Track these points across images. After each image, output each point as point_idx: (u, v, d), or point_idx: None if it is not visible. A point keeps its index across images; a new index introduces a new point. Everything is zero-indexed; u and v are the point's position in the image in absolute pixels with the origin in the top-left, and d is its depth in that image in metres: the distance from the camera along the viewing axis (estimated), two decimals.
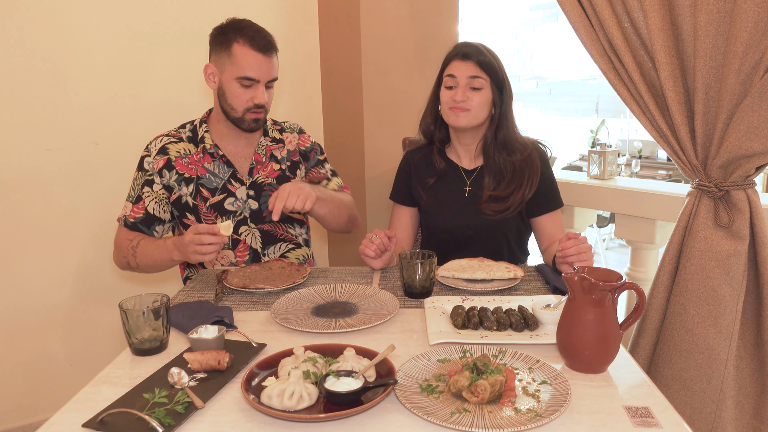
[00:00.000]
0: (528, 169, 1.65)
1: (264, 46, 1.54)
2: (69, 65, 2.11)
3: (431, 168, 1.74)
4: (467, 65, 1.59)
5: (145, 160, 1.64)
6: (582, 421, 0.87)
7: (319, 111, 2.73)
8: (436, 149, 1.74)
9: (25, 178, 2.09)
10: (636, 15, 1.59)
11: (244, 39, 1.53)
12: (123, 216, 1.63)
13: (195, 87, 2.36)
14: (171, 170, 1.64)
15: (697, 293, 1.61)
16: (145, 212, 1.62)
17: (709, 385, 1.62)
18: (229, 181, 1.67)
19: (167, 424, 0.86)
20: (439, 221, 1.72)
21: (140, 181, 1.63)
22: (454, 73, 1.61)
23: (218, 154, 1.67)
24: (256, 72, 1.55)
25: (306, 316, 1.27)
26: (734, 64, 1.46)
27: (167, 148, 1.65)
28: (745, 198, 1.56)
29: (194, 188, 1.65)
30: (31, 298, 2.16)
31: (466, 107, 1.60)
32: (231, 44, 1.54)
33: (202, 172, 1.66)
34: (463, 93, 1.59)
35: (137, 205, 1.62)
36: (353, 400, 0.89)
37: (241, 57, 1.53)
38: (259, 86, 1.57)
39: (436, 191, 1.72)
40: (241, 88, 1.56)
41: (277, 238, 1.75)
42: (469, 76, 1.59)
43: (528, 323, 1.19)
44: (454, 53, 1.63)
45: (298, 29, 2.61)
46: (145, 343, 1.11)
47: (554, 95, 31.00)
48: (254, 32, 1.55)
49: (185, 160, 1.65)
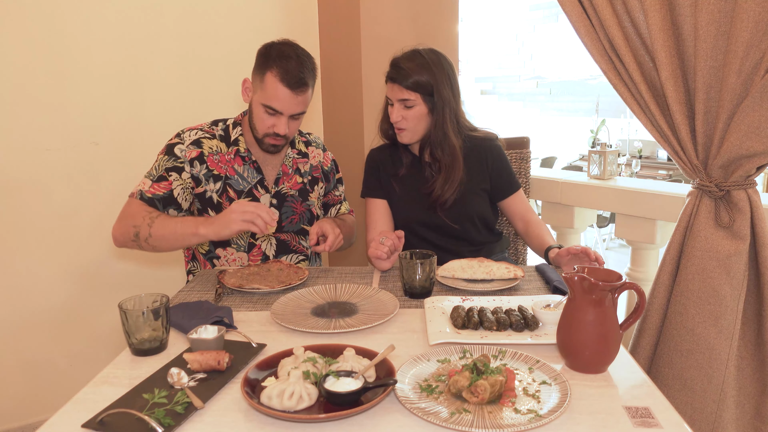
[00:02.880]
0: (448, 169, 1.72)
1: (295, 83, 1.54)
2: (69, 65, 2.11)
3: (398, 162, 1.82)
4: (394, 89, 1.67)
5: (177, 146, 1.64)
6: (582, 421, 0.87)
7: (319, 111, 2.73)
8: (401, 144, 1.81)
9: (25, 178, 2.09)
10: (636, 15, 1.59)
11: (278, 71, 1.53)
12: (139, 190, 1.60)
13: (195, 87, 2.36)
14: (202, 164, 1.65)
15: (698, 293, 1.61)
16: (167, 193, 1.60)
17: (709, 385, 1.62)
18: (255, 187, 1.70)
19: (167, 425, 0.86)
20: (411, 211, 1.79)
21: (167, 164, 1.62)
22: (388, 95, 1.71)
23: (250, 159, 1.69)
24: (281, 106, 1.56)
25: (306, 316, 1.27)
26: (735, 64, 1.46)
27: (201, 141, 1.66)
28: (746, 198, 1.56)
29: (222, 186, 1.66)
30: (31, 298, 2.16)
31: (402, 127, 1.70)
32: (266, 71, 1.55)
33: (231, 173, 1.67)
34: (397, 113, 1.68)
35: (158, 184, 1.60)
36: (353, 401, 0.89)
37: (270, 87, 1.55)
38: (283, 117, 1.59)
39: (405, 183, 1.80)
40: (265, 114, 1.58)
41: (290, 249, 1.78)
42: (398, 99, 1.67)
43: (528, 323, 1.19)
44: (387, 75, 1.70)
45: (298, 29, 2.60)
46: (144, 343, 1.11)
47: (554, 95, 30.97)
48: (291, 66, 1.54)
49: (216, 157, 1.67)
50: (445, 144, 1.71)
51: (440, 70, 1.67)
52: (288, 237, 1.77)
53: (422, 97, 1.66)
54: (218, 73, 2.39)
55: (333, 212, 1.91)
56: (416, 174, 1.80)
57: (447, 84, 1.68)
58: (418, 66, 1.65)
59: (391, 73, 1.68)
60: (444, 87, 1.67)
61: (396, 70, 1.67)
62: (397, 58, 1.70)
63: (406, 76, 1.64)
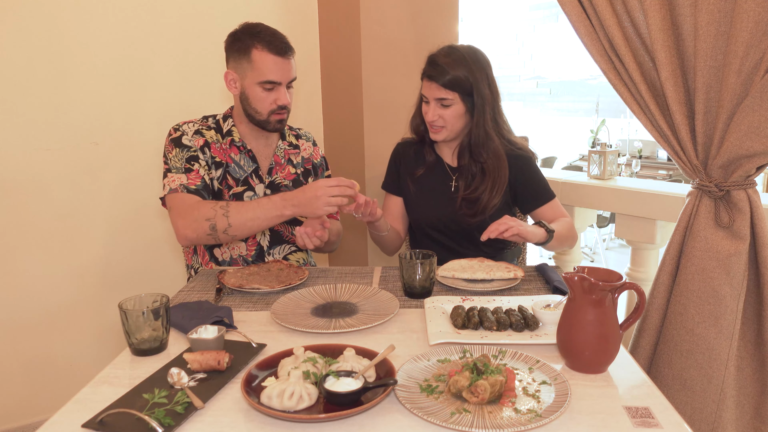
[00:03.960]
0: (494, 175, 1.68)
1: (282, 49, 1.57)
2: (69, 65, 2.11)
3: (420, 160, 1.79)
4: (432, 87, 1.63)
5: (183, 138, 1.64)
6: (582, 421, 0.87)
7: (319, 111, 2.73)
8: (428, 142, 1.78)
9: (25, 178, 2.09)
10: (636, 15, 1.59)
11: (262, 44, 1.56)
12: (181, 184, 1.56)
13: (195, 87, 2.36)
14: (209, 150, 1.67)
15: (698, 293, 1.61)
16: (203, 182, 1.60)
17: (709, 385, 1.62)
18: (251, 176, 1.72)
19: (167, 425, 0.86)
20: (425, 212, 1.77)
21: (185, 155, 1.62)
22: (425, 93, 1.67)
23: (245, 148, 1.71)
24: (277, 75, 1.58)
25: (306, 316, 1.27)
26: (735, 64, 1.46)
27: (202, 131, 1.68)
28: (746, 198, 1.56)
29: (222, 173, 1.68)
30: (31, 298, 2.16)
31: (439, 125, 1.66)
32: (250, 50, 1.57)
33: (229, 161, 1.69)
34: (433, 113, 1.65)
35: (190, 174, 1.59)
36: (353, 401, 0.89)
37: (261, 62, 1.56)
38: (281, 88, 1.61)
39: (423, 183, 1.78)
40: (264, 92, 1.60)
41: (283, 239, 1.79)
42: (436, 98, 1.63)
43: (528, 323, 1.19)
44: (424, 72, 1.66)
45: (298, 29, 2.60)
46: (144, 343, 1.11)
47: (554, 95, 30.97)
48: (271, 36, 1.57)
49: (217, 145, 1.68)
50: (489, 145, 1.67)
51: (479, 68, 1.62)
52: (281, 227, 1.78)
53: (460, 96, 1.62)
54: (218, 73, 2.36)
55: None
56: (436, 176, 1.77)
57: (485, 82, 1.63)
58: (455, 62, 1.60)
59: (428, 71, 1.63)
60: (483, 85, 1.62)
61: (433, 67, 1.61)
62: (434, 55, 1.64)
63: (444, 73, 1.59)
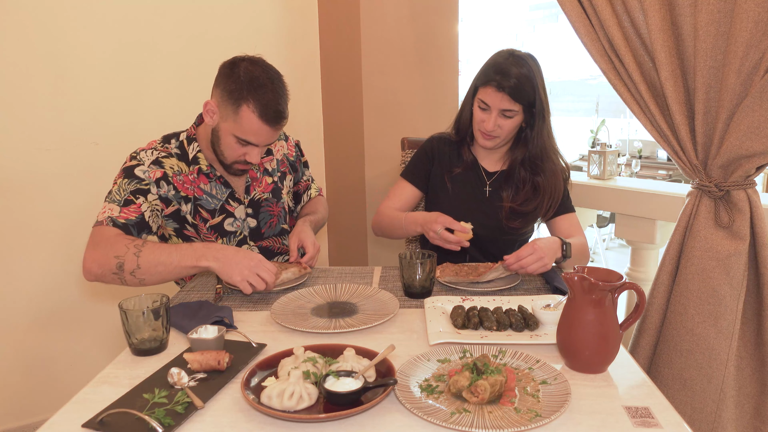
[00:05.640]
0: (550, 190, 1.66)
1: (274, 119, 1.43)
2: (69, 65, 2.11)
3: (457, 159, 1.75)
4: (501, 97, 1.54)
5: (137, 168, 1.49)
6: (582, 421, 0.87)
7: (319, 111, 2.73)
8: (467, 142, 1.75)
9: (25, 178, 2.09)
10: (636, 15, 1.59)
11: (255, 105, 1.41)
12: (108, 216, 1.42)
13: (195, 88, 2.35)
14: (169, 184, 1.52)
15: (698, 293, 1.61)
16: (139, 217, 1.44)
17: (709, 385, 1.62)
18: (227, 202, 1.61)
19: (167, 425, 0.86)
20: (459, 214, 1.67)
21: (130, 187, 1.47)
22: (487, 101, 1.57)
23: (215, 175, 1.59)
24: (257, 139, 1.46)
25: (306, 316, 1.27)
26: (735, 64, 1.46)
27: (162, 161, 1.53)
28: (746, 198, 1.56)
29: (192, 208, 1.57)
30: (31, 298, 2.16)
31: (495, 135, 1.62)
32: (241, 104, 1.41)
33: (199, 193, 1.57)
34: (493, 124, 1.58)
35: (127, 208, 1.44)
36: (353, 400, 0.89)
37: (246, 121, 1.42)
38: (256, 148, 1.49)
39: (457, 183, 1.74)
40: (237, 144, 1.48)
41: (274, 253, 1.74)
42: (501, 108, 1.56)
43: (528, 323, 1.19)
44: (492, 78, 1.55)
45: (298, 29, 2.60)
46: (144, 343, 1.11)
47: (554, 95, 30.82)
48: (269, 101, 1.42)
49: (180, 178, 1.54)
50: (546, 159, 1.66)
51: (540, 78, 1.58)
52: (270, 243, 1.71)
53: (523, 108, 1.57)
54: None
55: (305, 198, 1.87)
56: (470, 178, 1.74)
57: (544, 93, 1.60)
58: (525, 75, 1.54)
59: (499, 80, 1.53)
60: (543, 98, 1.59)
61: (504, 77, 1.53)
62: (505, 64, 1.54)
63: (515, 86, 1.52)
